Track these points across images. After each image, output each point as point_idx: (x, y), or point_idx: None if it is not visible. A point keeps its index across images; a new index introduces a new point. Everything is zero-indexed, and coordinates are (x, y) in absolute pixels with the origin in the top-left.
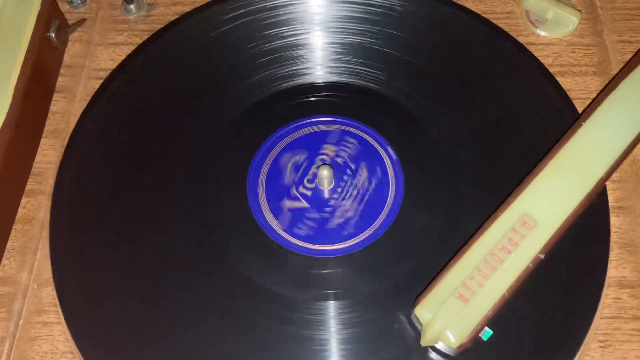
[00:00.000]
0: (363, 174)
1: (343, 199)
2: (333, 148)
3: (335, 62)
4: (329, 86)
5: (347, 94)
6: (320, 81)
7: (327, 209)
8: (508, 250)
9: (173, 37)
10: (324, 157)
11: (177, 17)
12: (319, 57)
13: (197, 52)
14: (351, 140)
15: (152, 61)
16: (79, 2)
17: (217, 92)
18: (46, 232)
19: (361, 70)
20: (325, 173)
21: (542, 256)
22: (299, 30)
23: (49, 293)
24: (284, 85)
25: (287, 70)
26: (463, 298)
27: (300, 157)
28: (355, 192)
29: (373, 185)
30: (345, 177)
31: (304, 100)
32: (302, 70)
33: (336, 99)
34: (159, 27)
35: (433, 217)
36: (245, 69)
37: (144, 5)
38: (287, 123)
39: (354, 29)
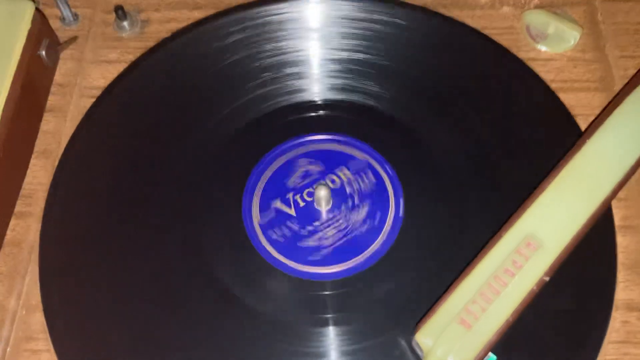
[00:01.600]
0: (362, 211)
1: (328, 226)
2: (349, 175)
3: (334, 80)
4: (328, 104)
5: (346, 112)
6: (317, 99)
7: (309, 228)
8: (512, 272)
9: (167, 55)
10: (335, 179)
11: (171, 34)
12: (316, 73)
13: (191, 69)
14: (370, 176)
15: (145, 79)
16: (71, 19)
17: (212, 109)
18: (35, 256)
19: (360, 87)
20: (322, 193)
21: (547, 278)
22: (296, 46)
23: (38, 319)
24: (280, 102)
25: (284, 87)
26: (465, 323)
27: (316, 168)
28: (343, 225)
29: (365, 219)
30: (343, 207)
31: (300, 117)
32: (299, 88)
33: (334, 116)
34: (152, 44)
35: (434, 238)
36: (242, 86)
37: (137, 23)
38: (284, 141)
39: (353, 46)
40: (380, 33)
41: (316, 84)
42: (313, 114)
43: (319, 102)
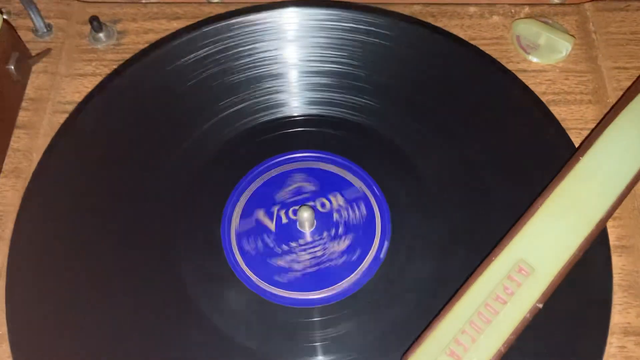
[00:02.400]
0: (343, 243)
1: (304, 250)
2: (342, 202)
3: (318, 94)
4: (317, 119)
5: (330, 128)
6: (303, 113)
7: (284, 247)
8: (503, 300)
9: (143, 68)
10: (325, 202)
11: (147, 45)
12: (299, 88)
13: (170, 83)
14: (362, 209)
15: (122, 93)
16: (44, 30)
17: (194, 122)
18: (3, 282)
19: (344, 101)
20: (305, 215)
21: (540, 305)
22: (276, 60)
23: (4, 350)
24: (260, 118)
25: (265, 102)
26: (455, 355)
27: (310, 186)
28: (319, 253)
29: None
30: (325, 234)
31: (282, 134)
32: (280, 103)
33: (317, 132)
34: (129, 56)
35: (422, 264)
36: (222, 99)
37: (113, 34)
38: (275, 155)
39: (336, 58)
40: (365, 44)
41: (305, 97)
42: (306, 129)
43: (309, 117)
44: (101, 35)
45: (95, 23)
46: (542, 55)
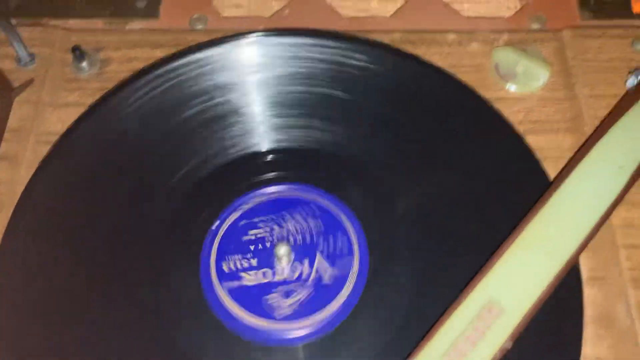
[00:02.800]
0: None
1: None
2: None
3: (291, 124)
4: (282, 151)
5: (305, 159)
6: (273, 146)
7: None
8: (473, 342)
9: (127, 97)
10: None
11: (132, 74)
12: (273, 120)
13: (153, 112)
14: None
15: (106, 123)
16: (28, 60)
17: (178, 154)
18: None
19: (317, 132)
20: (282, 251)
21: (510, 344)
22: (257, 89)
23: None
24: (246, 150)
25: (249, 132)
26: None
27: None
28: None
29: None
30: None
31: (261, 166)
32: (264, 133)
33: (291, 164)
34: (112, 85)
35: (393, 305)
36: (208, 130)
37: (96, 62)
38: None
39: (309, 87)
40: (338, 72)
41: (283, 128)
42: (272, 162)
43: (276, 149)
44: (84, 64)
45: (77, 52)
46: (520, 83)
